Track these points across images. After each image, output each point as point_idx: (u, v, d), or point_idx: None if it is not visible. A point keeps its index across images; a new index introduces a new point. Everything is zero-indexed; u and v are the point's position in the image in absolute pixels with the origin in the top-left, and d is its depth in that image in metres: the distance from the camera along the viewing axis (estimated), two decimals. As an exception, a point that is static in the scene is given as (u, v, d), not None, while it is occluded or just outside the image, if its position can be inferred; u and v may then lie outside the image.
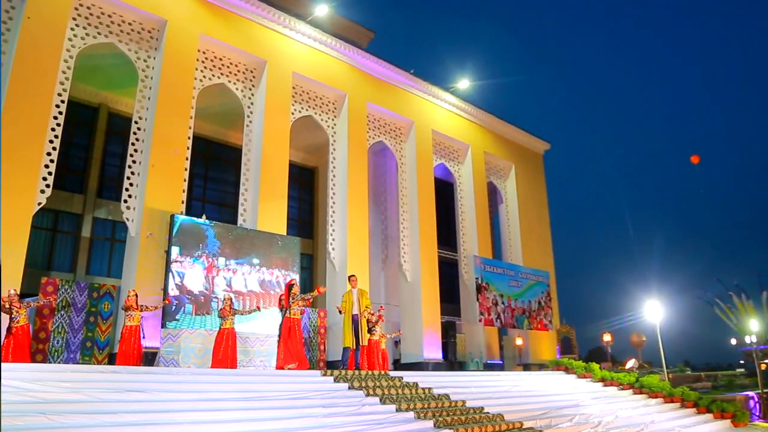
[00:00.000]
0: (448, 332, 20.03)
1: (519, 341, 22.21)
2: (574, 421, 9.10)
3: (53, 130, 13.23)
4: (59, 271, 17.08)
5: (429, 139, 20.76)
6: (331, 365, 15.86)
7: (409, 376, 10.16)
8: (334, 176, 18.22)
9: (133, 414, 5.88)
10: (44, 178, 12.86)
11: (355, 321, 10.91)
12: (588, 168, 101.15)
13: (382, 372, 10.19)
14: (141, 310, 10.79)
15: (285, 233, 16.13)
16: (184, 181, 14.86)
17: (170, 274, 13.29)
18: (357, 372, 9.67)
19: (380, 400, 8.06)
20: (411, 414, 7.59)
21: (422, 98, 20.88)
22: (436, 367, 17.92)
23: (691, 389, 13.84)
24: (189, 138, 15.17)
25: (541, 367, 17.37)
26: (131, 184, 14.06)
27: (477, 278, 20.56)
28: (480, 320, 20.15)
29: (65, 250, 17.71)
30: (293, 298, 10.75)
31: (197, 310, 13.59)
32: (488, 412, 8.51)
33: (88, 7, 14.25)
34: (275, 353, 11.85)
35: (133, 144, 14.34)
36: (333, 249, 17.65)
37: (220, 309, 11.73)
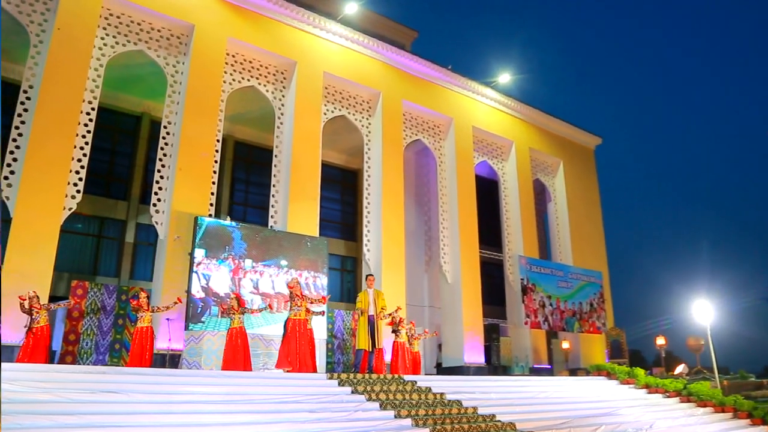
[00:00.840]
0: (492, 335, 19.26)
1: (566, 345, 21.13)
2: (597, 432, 8.40)
3: (83, 137, 13.56)
4: (105, 276, 17.55)
5: (469, 136, 20.13)
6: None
7: (425, 381, 9.65)
8: (368, 176, 17.91)
9: (97, 415, 5.73)
10: (75, 184, 13.19)
11: (371, 322, 10.51)
12: (638, 164, 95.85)
13: (395, 375, 9.72)
14: (152, 312, 10.80)
15: (317, 234, 15.94)
16: (213, 183, 14.94)
17: (193, 276, 13.32)
18: (367, 375, 9.26)
19: (380, 406, 7.63)
20: (408, 421, 7.13)
21: (461, 94, 20.28)
22: (478, 371, 17.25)
23: (747, 398, 12.53)
24: (218, 141, 15.26)
25: (588, 372, 16.39)
26: (160, 188, 14.22)
27: (522, 279, 19.73)
28: (526, 323, 19.31)
29: (110, 255, 18.20)
30: (293, 299, 10.46)
31: (223, 313, 13.56)
32: (499, 421, 7.92)
33: (118, 16, 14.56)
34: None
35: (162, 149, 14.52)
36: (368, 250, 17.32)
37: (226, 308, 11.51)
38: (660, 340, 20.53)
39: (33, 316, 9.98)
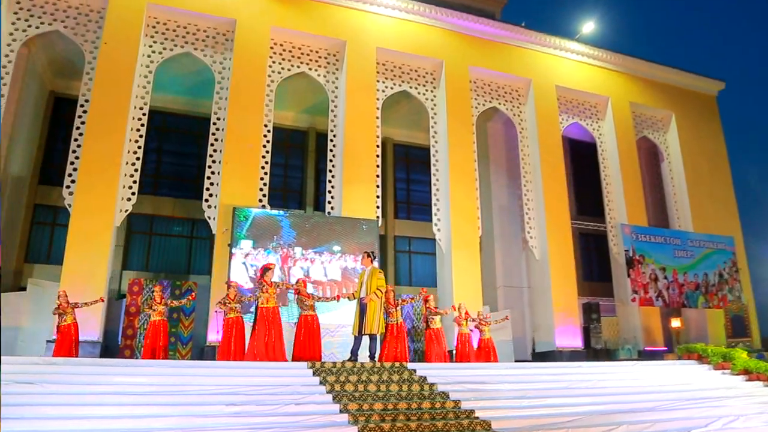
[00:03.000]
0: (591, 316, 17.20)
1: (676, 323, 18.18)
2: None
3: (136, 141, 14.23)
4: (198, 275, 18.38)
5: (552, 97, 18.16)
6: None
7: (426, 370, 8.55)
8: (436, 152, 16.87)
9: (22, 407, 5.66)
10: (129, 187, 13.88)
11: (362, 305, 9.59)
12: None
13: (394, 364, 8.73)
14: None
15: (376, 217, 15.31)
16: (266, 174, 14.94)
17: (241, 267, 13.37)
18: (350, 365, 8.37)
19: (333, 399, 6.83)
20: (345, 417, 6.24)
21: (539, 52, 18.35)
22: (573, 356, 15.42)
23: None
24: (269, 131, 15.24)
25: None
26: (212, 184, 14.49)
27: (627, 250, 17.39)
28: (633, 299, 16.98)
29: (203, 255, 19.00)
30: (261, 284, 9.83)
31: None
32: (477, 417, 6.69)
33: (164, 23, 15.08)
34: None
35: (212, 145, 14.77)
36: (438, 230, 16.32)
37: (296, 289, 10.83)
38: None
39: (60, 314, 10.51)
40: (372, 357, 9.51)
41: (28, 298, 13.16)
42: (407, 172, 22.02)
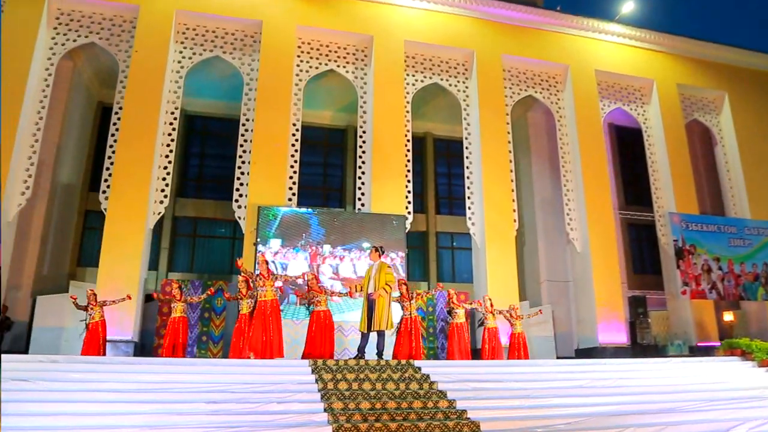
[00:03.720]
0: (637, 310, 16.36)
1: (729, 317, 16.98)
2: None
3: (168, 145, 14.60)
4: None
5: (592, 82, 17.40)
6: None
7: (430, 368, 8.28)
8: (469, 144, 16.51)
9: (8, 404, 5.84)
10: (162, 190, 14.25)
11: (370, 301, 9.40)
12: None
13: (403, 362, 8.50)
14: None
15: (408, 213, 15.12)
16: (295, 173, 15.01)
17: (256, 264, 13.40)
18: (352, 362, 8.19)
19: (321, 397, 6.68)
20: (325, 416, 6.08)
21: (577, 36, 17.62)
22: (617, 353, 14.73)
23: None
24: (298, 130, 15.31)
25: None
26: (241, 184, 14.67)
27: (676, 240, 16.46)
28: (683, 292, 16.06)
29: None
30: (258, 277, 9.78)
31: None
32: (468, 418, 6.38)
33: (194, 29, 15.40)
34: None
35: (241, 146, 14.96)
36: (473, 224, 15.93)
37: (301, 294, 10.99)
38: None
39: (89, 312, 10.88)
40: (380, 354, 9.33)
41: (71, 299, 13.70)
42: (448, 167, 21.73)
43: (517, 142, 20.22)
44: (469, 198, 16.14)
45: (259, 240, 13.83)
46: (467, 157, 16.41)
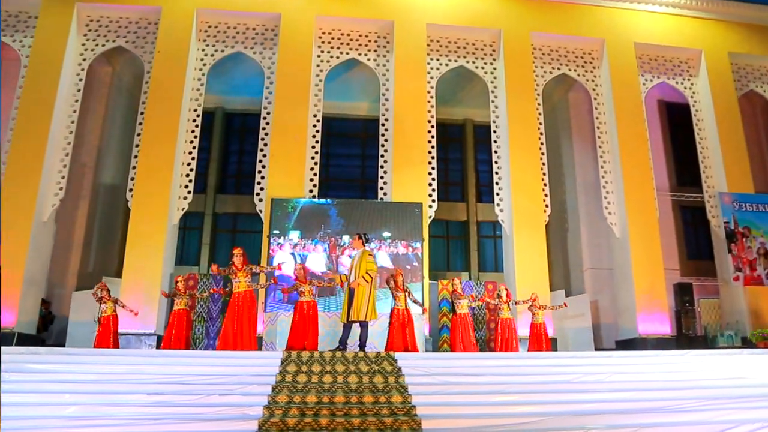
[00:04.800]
0: (683, 298, 15.19)
1: None
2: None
3: (191, 142, 14.88)
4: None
5: (631, 56, 16.28)
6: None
7: (405, 361, 7.86)
8: (497, 127, 15.87)
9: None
10: (185, 186, 14.55)
11: (351, 290, 9.07)
12: None
13: (383, 353, 8.05)
14: (188, 296, 11.09)
15: (431, 201, 14.73)
16: (316, 164, 14.95)
17: (269, 256, 13.49)
18: (338, 354, 7.90)
19: (272, 390, 6.36)
20: (260, 410, 5.82)
21: (612, 8, 16.52)
22: (660, 344, 13.76)
23: None
24: (319, 121, 15.24)
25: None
26: (262, 178, 14.74)
27: (727, 222, 15.19)
28: (736, 278, 14.81)
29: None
30: (231, 269, 9.61)
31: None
32: (416, 415, 5.92)
33: (215, 26, 15.61)
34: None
35: (262, 139, 15.02)
36: (501, 210, 15.34)
37: (287, 287, 11.01)
38: None
39: (101, 306, 11.21)
40: (362, 346, 9.01)
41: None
42: (489, 154, 21.05)
43: (560, 124, 19.35)
44: (497, 184, 15.55)
45: (278, 232, 13.88)
46: (495, 141, 15.80)
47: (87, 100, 17.08)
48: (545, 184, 15.29)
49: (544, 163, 15.45)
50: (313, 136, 15.04)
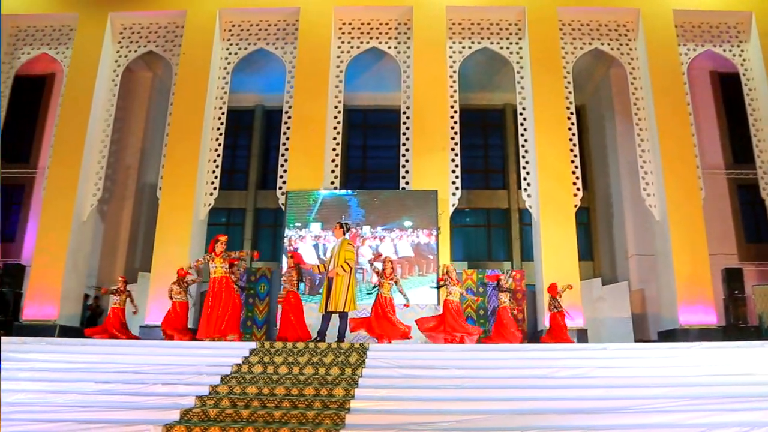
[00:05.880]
0: (731, 285, 13.99)
1: None
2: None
3: (216, 140, 15.27)
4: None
5: (669, 25, 15.17)
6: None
7: (382, 351, 7.58)
8: (523, 108, 15.26)
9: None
10: (211, 182, 14.95)
11: (329, 280, 8.91)
12: None
13: (357, 345, 7.81)
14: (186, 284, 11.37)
15: (454, 189, 14.41)
16: (338, 155, 14.97)
17: (285, 247, 13.60)
18: (311, 344, 7.79)
19: (221, 380, 6.36)
20: (192, 400, 5.71)
21: (647, -26, 15.50)
22: (702, 335, 12.74)
23: None
24: (340, 112, 15.25)
25: None
26: (285, 171, 14.87)
27: (781, 200, 13.92)
28: (791, 261, 13.54)
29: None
30: (210, 255, 9.57)
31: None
32: (348, 408, 5.68)
33: (239, 24, 15.93)
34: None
35: (284, 133, 15.18)
36: (528, 196, 14.75)
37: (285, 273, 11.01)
38: None
39: (113, 297, 11.77)
40: (340, 338, 8.87)
41: (140, 288, 14.83)
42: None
43: (603, 103, 18.45)
44: (524, 168, 14.96)
45: (299, 224, 14.02)
46: (521, 124, 15.19)
47: (130, 105, 17.99)
48: (576, 167, 14.57)
49: (575, 145, 14.73)
50: (335, 128, 15.06)
